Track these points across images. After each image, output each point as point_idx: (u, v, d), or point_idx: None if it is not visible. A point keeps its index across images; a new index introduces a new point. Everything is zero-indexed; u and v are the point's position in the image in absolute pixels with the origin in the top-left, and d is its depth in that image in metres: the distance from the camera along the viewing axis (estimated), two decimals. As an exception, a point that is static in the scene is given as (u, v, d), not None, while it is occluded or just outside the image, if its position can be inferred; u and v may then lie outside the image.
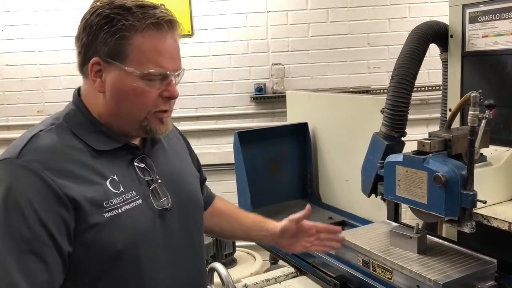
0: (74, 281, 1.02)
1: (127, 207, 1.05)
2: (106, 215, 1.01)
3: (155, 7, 1.06)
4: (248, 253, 3.26)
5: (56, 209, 0.96)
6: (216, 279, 1.82)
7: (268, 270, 2.62)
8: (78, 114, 1.09)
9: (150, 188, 1.11)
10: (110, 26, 1.01)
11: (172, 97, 1.08)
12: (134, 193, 1.07)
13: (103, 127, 1.09)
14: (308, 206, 1.41)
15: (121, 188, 1.05)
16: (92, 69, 1.04)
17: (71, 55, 3.63)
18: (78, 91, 1.13)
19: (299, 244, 1.43)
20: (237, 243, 3.08)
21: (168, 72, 1.06)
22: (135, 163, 1.11)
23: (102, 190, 1.02)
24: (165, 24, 1.04)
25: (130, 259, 1.05)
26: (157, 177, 1.13)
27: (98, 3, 1.06)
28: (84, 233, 1.00)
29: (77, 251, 1.00)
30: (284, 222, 1.42)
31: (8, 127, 4.11)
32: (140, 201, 1.08)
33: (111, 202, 1.02)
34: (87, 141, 1.06)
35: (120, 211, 1.03)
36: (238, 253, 3.16)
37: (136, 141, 1.15)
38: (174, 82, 1.09)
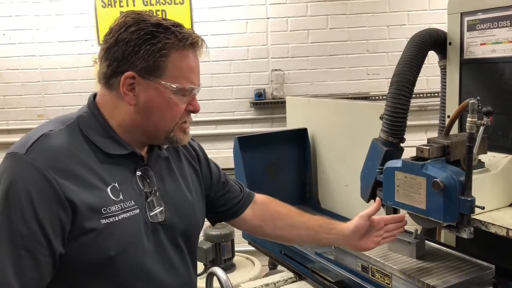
0: (68, 283, 1.03)
1: (124, 215, 1.06)
2: (103, 221, 1.02)
3: (183, 25, 1.11)
4: (247, 258, 3.26)
5: (55, 209, 0.98)
6: (216, 283, 1.83)
7: (267, 275, 2.62)
8: (91, 117, 1.11)
9: (148, 200, 1.12)
10: (152, 44, 1.04)
11: (195, 110, 1.15)
12: (132, 202, 1.08)
13: (114, 133, 1.10)
14: (378, 199, 1.41)
15: (121, 196, 1.07)
16: (124, 82, 1.06)
17: (72, 60, 3.66)
18: (94, 97, 1.14)
19: (371, 240, 1.39)
20: (237, 248, 3.09)
21: (195, 87, 1.13)
22: (137, 173, 1.13)
23: (102, 196, 1.04)
24: (199, 44, 1.11)
25: (123, 266, 1.06)
26: (156, 189, 1.14)
27: (128, 18, 1.07)
28: (79, 236, 1.01)
29: (71, 254, 1.01)
30: (356, 221, 1.38)
31: (9, 131, 4.11)
32: (138, 211, 1.09)
33: (109, 209, 1.04)
34: (96, 143, 1.07)
35: (116, 218, 1.04)
36: (237, 258, 3.16)
37: (143, 152, 1.17)
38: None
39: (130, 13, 1.09)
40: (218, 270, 1.76)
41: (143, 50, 1.04)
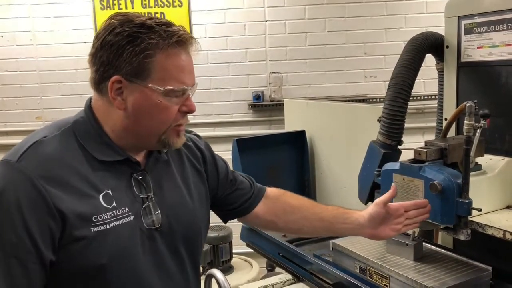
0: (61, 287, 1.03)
1: (116, 223, 1.04)
2: (94, 229, 1.01)
3: (172, 24, 1.07)
4: (245, 260, 3.26)
5: (44, 218, 0.97)
6: (214, 285, 1.83)
7: (265, 277, 2.62)
8: (87, 123, 1.09)
9: (143, 206, 1.10)
10: (135, 45, 1.01)
11: (190, 111, 1.10)
12: (126, 209, 1.06)
13: (108, 139, 1.09)
14: (393, 185, 1.34)
15: (114, 203, 1.05)
16: (112, 87, 1.04)
17: (71, 62, 3.67)
18: (90, 101, 1.12)
19: (390, 228, 1.32)
20: (234, 250, 3.09)
21: (187, 88, 1.08)
22: (133, 178, 1.10)
23: (93, 204, 1.02)
24: (187, 41, 1.06)
25: (115, 273, 1.04)
26: (152, 195, 1.12)
27: (113, 20, 1.04)
28: (69, 245, 1.00)
29: (62, 261, 1.00)
30: (371, 209, 1.32)
31: (7, 133, 4.11)
32: (132, 217, 1.07)
33: (100, 217, 1.02)
34: (89, 150, 1.06)
35: (108, 226, 1.03)
36: (235, 260, 3.17)
37: (139, 157, 1.14)
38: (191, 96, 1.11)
39: (115, 15, 1.06)
40: (216, 272, 1.77)
41: (126, 52, 1.01)
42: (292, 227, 1.42)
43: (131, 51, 1.01)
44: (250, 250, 2.23)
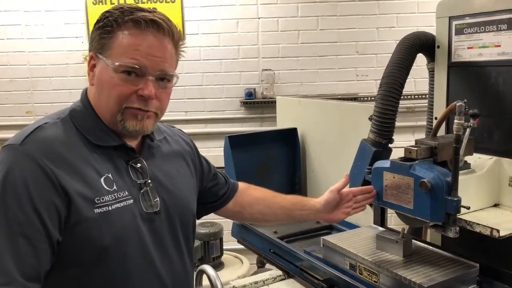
0: (61, 273, 1.04)
1: (117, 205, 1.07)
2: (97, 210, 1.04)
3: (148, 10, 1.10)
4: (236, 257, 3.27)
5: (51, 197, 1.00)
6: (205, 281, 1.84)
7: (255, 273, 2.64)
8: (83, 110, 1.14)
9: (141, 191, 1.14)
10: (99, 22, 1.10)
11: (144, 95, 1.08)
12: (126, 193, 1.10)
13: (104, 125, 1.12)
14: (346, 174, 1.49)
15: (114, 187, 1.08)
16: (89, 63, 1.12)
17: (62, 56, 3.64)
18: (86, 90, 1.17)
19: (341, 212, 1.49)
20: (225, 246, 3.10)
21: (142, 68, 1.07)
22: (130, 165, 1.14)
23: (96, 186, 1.05)
24: (144, 22, 1.06)
25: (116, 256, 1.07)
26: (149, 180, 1.16)
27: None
28: (73, 226, 1.02)
29: (66, 242, 1.02)
30: (326, 196, 1.48)
31: (-4, 127, 4.08)
32: (131, 201, 1.11)
33: (103, 199, 1.05)
34: (86, 135, 1.10)
35: (110, 208, 1.06)
36: (225, 256, 3.18)
37: (134, 144, 1.18)
38: (158, 83, 1.10)
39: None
40: (207, 268, 1.77)
41: (96, 30, 1.10)
42: (257, 217, 1.56)
43: (100, 27, 1.09)
44: (240, 246, 2.24)
